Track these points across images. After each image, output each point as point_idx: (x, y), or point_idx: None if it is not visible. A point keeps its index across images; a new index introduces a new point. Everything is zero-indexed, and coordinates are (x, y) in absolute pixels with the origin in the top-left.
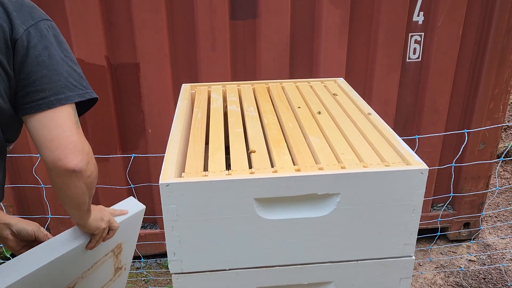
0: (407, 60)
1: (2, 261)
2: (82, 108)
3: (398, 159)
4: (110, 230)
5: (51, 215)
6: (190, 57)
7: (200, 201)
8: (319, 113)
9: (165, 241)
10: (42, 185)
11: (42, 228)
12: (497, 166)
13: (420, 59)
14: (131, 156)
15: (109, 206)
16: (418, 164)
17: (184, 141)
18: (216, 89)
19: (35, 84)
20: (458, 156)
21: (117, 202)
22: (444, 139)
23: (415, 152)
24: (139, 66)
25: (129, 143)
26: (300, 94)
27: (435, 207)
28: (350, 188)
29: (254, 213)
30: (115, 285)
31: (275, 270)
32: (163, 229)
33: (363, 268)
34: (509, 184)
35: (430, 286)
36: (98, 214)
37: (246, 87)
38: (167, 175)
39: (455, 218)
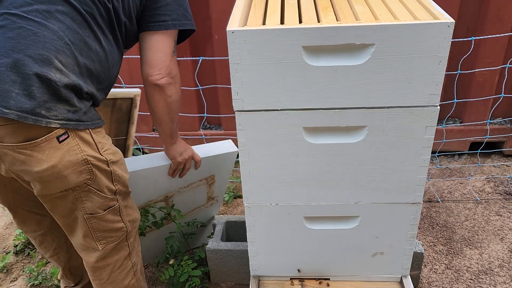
0: None
1: None
2: (180, 39)
3: (430, 17)
4: (196, 162)
5: None
6: None
7: (258, 47)
8: None
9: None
10: (123, 85)
11: None
12: None
13: None
14: (199, 59)
15: None
16: (446, 19)
17: (247, 10)
18: None
19: (161, 9)
20: None
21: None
22: (507, 51)
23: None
24: None
25: (197, 48)
26: None
27: (492, 121)
28: (383, 40)
29: (302, 59)
30: (207, 212)
31: (318, 112)
32: (227, 130)
33: (393, 115)
34: None
35: (478, 193)
36: (180, 148)
37: None
38: (233, 25)
39: None
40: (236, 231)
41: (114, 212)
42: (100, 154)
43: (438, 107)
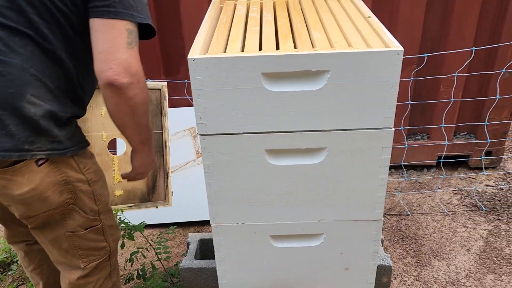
0: None
1: None
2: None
3: (382, 45)
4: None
5: None
6: None
7: (219, 74)
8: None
9: None
10: None
11: None
12: None
13: None
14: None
15: None
16: (396, 47)
17: (209, 36)
18: (242, 2)
19: None
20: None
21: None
22: (469, 68)
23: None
24: None
25: (172, 68)
26: (313, 5)
27: (457, 136)
28: (338, 66)
29: (261, 85)
30: (199, 172)
31: (279, 135)
32: None
33: (351, 136)
34: None
35: (446, 206)
36: (149, 159)
37: (267, 1)
38: (194, 52)
39: (477, 146)
40: (210, 249)
41: (96, 231)
42: (82, 174)
43: (393, 129)
